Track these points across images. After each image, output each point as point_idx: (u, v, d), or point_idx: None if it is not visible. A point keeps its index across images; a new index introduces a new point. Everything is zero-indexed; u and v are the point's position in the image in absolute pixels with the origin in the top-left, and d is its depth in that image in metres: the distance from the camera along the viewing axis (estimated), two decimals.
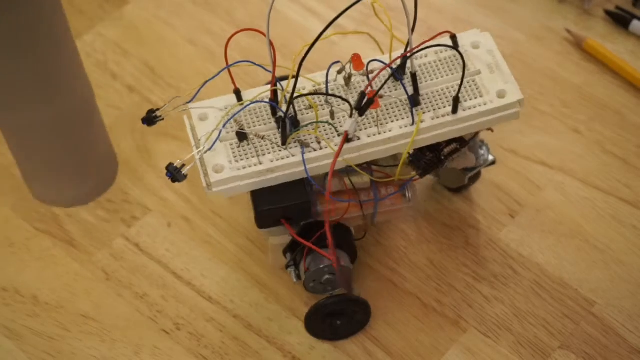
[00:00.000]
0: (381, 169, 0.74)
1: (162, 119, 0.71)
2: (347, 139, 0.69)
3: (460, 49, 0.73)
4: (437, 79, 0.73)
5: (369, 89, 0.70)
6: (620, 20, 0.95)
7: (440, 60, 0.74)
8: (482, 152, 0.78)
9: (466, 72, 0.72)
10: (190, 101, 0.72)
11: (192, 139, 0.72)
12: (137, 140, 0.88)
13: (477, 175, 0.82)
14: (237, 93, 0.73)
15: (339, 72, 0.73)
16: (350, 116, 0.70)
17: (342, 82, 0.73)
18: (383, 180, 0.74)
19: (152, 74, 0.93)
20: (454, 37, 0.74)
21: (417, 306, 0.78)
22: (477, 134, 0.76)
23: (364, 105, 0.68)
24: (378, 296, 0.79)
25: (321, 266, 0.73)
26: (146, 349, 0.77)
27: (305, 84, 0.74)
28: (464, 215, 0.83)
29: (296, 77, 0.69)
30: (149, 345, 0.77)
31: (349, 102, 0.70)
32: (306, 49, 0.66)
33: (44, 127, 0.78)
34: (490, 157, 0.79)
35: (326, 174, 0.73)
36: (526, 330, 0.77)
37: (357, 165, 0.72)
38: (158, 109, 0.71)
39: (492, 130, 0.77)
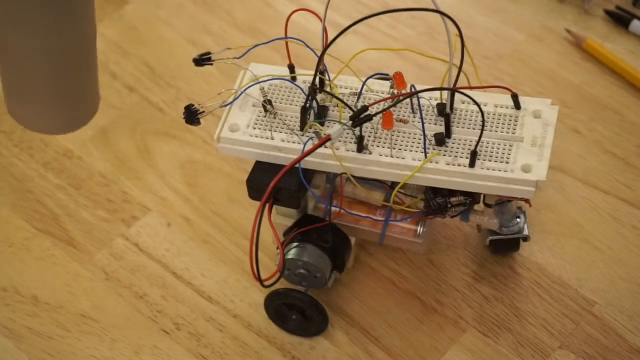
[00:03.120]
0: (400, 195, 0.74)
1: (211, 64, 0.73)
2: (325, 142, 0.69)
3: (520, 112, 0.72)
4: (479, 130, 0.71)
5: (380, 106, 0.71)
6: (620, 20, 0.95)
7: (495, 114, 0.72)
8: (516, 221, 0.76)
9: (509, 135, 0.71)
10: (241, 57, 0.73)
11: (233, 95, 0.74)
12: (137, 140, 0.88)
13: (511, 245, 0.79)
14: (291, 67, 0.74)
15: (392, 87, 0.73)
16: (342, 122, 0.70)
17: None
18: (385, 204, 0.74)
19: (152, 74, 0.93)
20: (515, 97, 0.72)
21: (417, 306, 0.78)
22: (508, 200, 0.74)
23: (359, 118, 0.68)
24: (378, 296, 0.79)
25: (296, 257, 0.73)
26: (146, 349, 0.77)
27: (358, 85, 0.74)
28: None
29: (316, 71, 0.70)
30: (149, 345, 0.77)
31: (353, 110, 0.70)
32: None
33: (44, 56, 0.78)
34: (525, 232, 0.76)
35: (335, 175, 0.74)
36: (526, 330, 0.77)
37: (375, 181, 0.72)
38: (210, 54, 0.73)
39: (530, 205, 0.75)
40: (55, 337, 0.78)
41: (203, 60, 0.73)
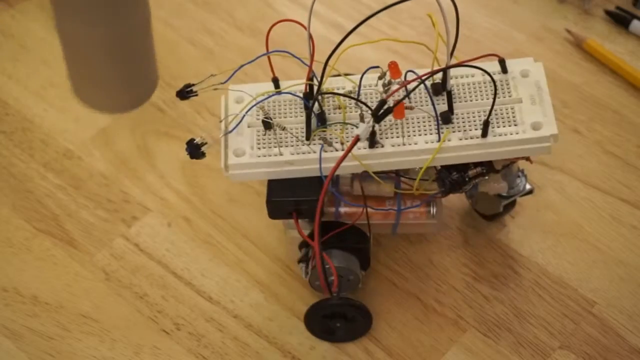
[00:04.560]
0: (409, 181, 0.73)
1: (196, 95, 0.72)
2: (356, 142, 0.69)
3: (508, 74, 0.72)
4: (477, 100, 0.72)
5: (392, 97, 0.70)
6: (620, 20, 0.95)
7: (484, 82, 0.73)
8: (518, 180, 0.77)
9: (507, 99, 0.71)
10: (225, 81, 0.72)
11: (222, 120, 0.73)
12: (137, 140, 0.88)
13: (512, 204, 0.80)
14: (275, 81, 0.73)
15: (380, 78, 0.72)
16: (365, 120, 0.70)
17: (381, 89, 0.72)
18: (404, 192, 0.74)
19: None
20: (502, 62, 0.73)
21: (417, 306, 0.78)
22: (512, 162, 0.74)
23: (381, 112, 0.68)
24: (378, 296, 0.79)
25: (326, 266, 0.73)
26: (146, 349, 0.77)
27: (346, 85, 0.74)
28: (464, 215, 0.83)
29: (322, 74, 0.69)
30: (149, 345, 0.77)
31: (369, 107, 0.70)
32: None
33: (102, 41, 0.79)
34: (527, 186, 0.78)
35: (350, 176, 0.74)
36: (526, 330, 0.77)
37: (381, 173, 0.72)
38: (194, 84, 0.71)
39: (531, 162, 0.75)
40: (55, 337, 0.78)
41: (187, 92, 0.71)
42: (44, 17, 0.97)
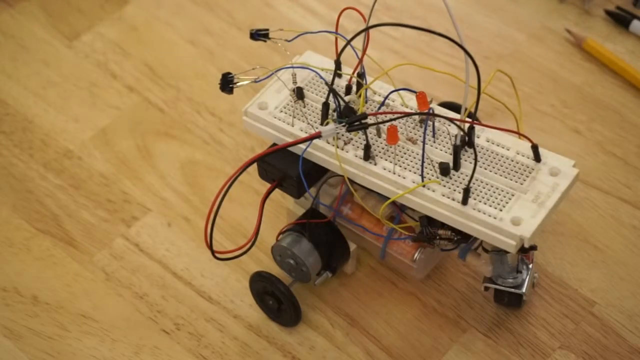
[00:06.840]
0: (405, 215, 0.74)
1: (265, 41, 0.73)
2: (315, 137, 0.70)
3: (538, 164, 0.70)
4: (491, 172, 0.70)
5: (382, 118, 0.71)
6: (620, 20, 0.95)
7: (513, 160, 0.70)
8: (515, 275, 0.73)
9: (515, 184, 0.69)
10: (292, 40, 0.74)
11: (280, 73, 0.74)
12: (137, 140, 0.88)
13: (512, 299, 0.75)
14: (337, 63, 0.74)
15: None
16: (335, 124, 0.70)
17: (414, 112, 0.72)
18: (386, 223, 0.73)
19: (152, 74, 0.93)
20: (535, 148, 0.70)
21: (417, 306, 0.78)
22: (505, 251, 0.70)
23: (354, 122, 0.68)
24: (378, 296, 0.79)
25: (286, 246, 0.74)
26: (146, 349, 0.77)
27: (386, 92, 0.74)
28: None
29: (334, 72, 0.71)
30: (149, 345, 0.77)
31: (355, 114, 0.70)
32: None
33: None
34: (522, 289, 0.73)
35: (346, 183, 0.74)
36: (526, 330, 0.77)
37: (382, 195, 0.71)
38: (267, 30, 0.73)
39: (531, 261, 0.74)
40: (55, 337, 0.78)
41: (259, 35, 0.73)
42: (44, 17, 0.97)
